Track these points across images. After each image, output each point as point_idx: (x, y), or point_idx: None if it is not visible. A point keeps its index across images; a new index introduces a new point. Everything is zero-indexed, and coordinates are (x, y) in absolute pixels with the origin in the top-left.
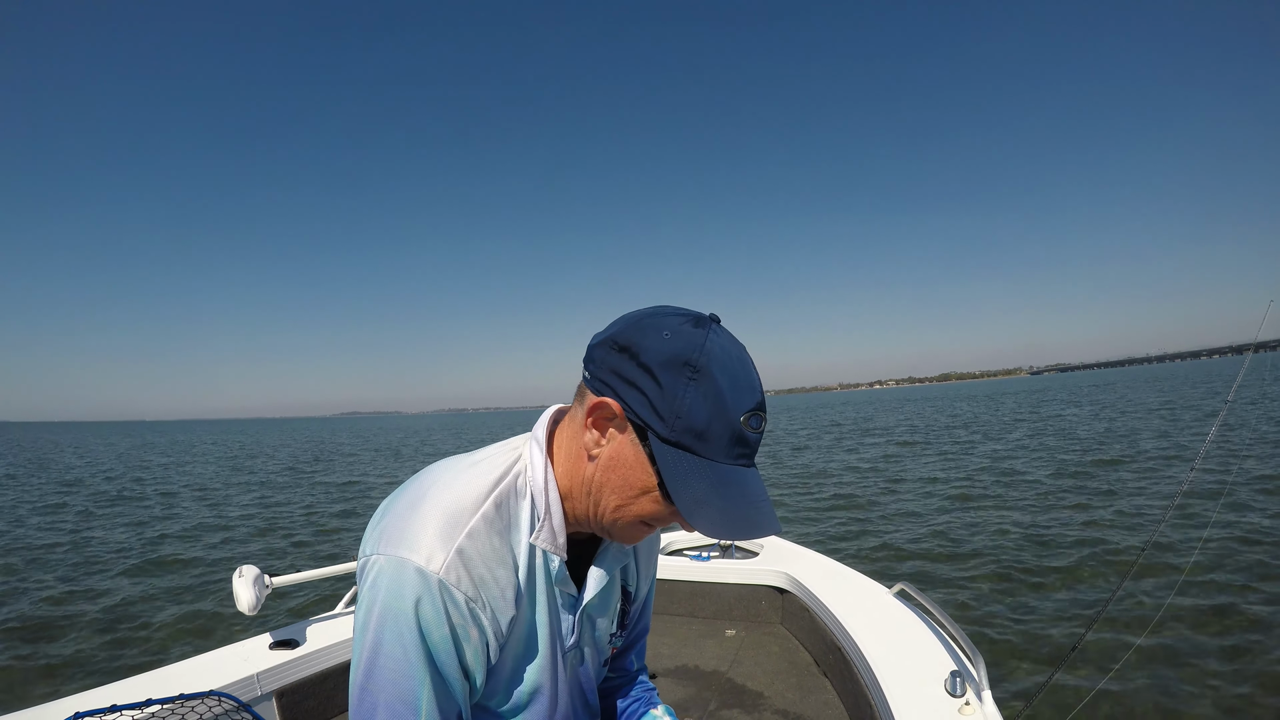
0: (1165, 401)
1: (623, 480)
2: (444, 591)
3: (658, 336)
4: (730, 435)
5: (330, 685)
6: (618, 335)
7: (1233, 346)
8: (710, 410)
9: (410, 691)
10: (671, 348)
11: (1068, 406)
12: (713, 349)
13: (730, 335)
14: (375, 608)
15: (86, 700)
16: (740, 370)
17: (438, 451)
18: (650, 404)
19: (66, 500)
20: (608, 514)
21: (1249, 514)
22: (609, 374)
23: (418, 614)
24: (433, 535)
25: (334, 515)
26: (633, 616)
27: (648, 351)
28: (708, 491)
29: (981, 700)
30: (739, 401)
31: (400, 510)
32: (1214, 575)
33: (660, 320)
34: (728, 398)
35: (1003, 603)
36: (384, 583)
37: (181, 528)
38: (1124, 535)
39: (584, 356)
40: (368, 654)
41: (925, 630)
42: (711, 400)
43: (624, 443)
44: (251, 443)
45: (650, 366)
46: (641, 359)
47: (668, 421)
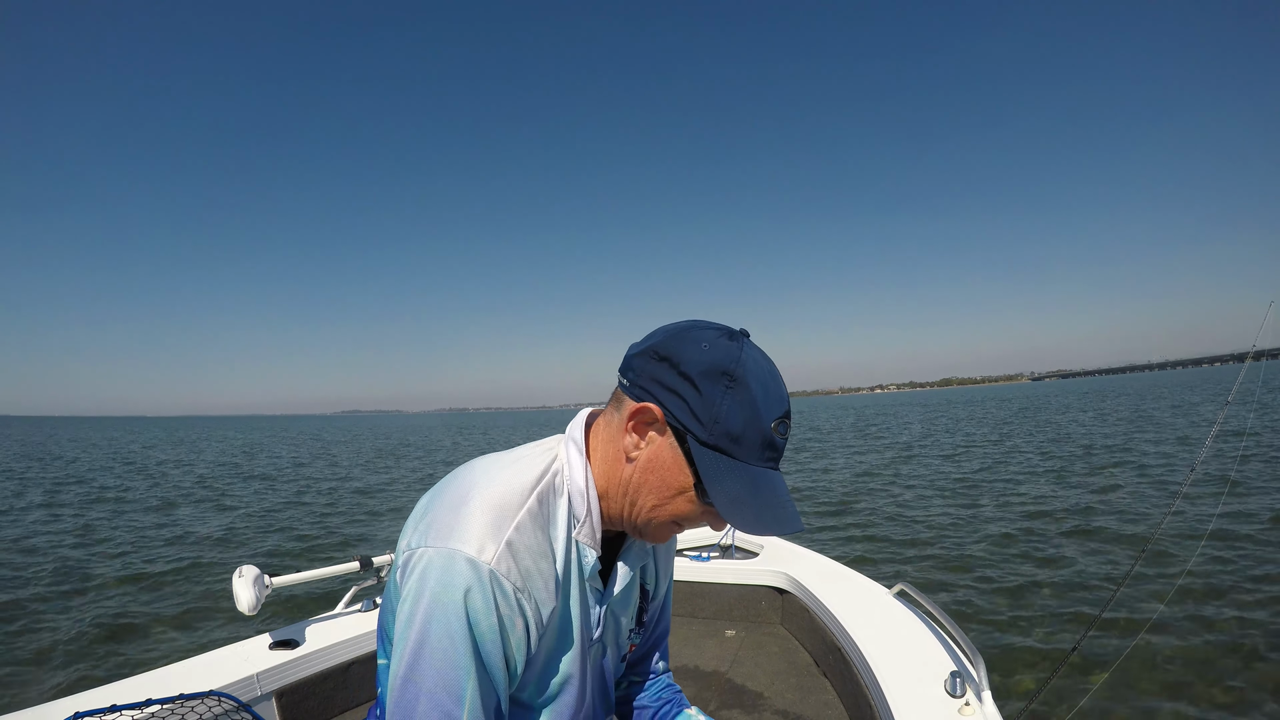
0: (1166, 408)
1: (661, 481)
2: (494, 582)
3: (696, 348)
4: (762, 440)
5: (330, 685)
6: (658, 346)
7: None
8: (746, 417)
9: (456, 682)
10: (710, 358)
11: (1068, 412)
12: (748, 361)
13: (760, 349)
14: (424, 599)
15: (86, 700)
16: (771, 381)
17: (440, 450)
18: (690, 409)
19: (66, 497)
20: (644, 513)
21: (1248, 516)
22: (650, 381)
23: (467, 605)
24: (482, 527)
25: (334, 515)
26: (652, 615)
27: (688, 361)
28: (742, 490)
29: (981, 701)
30: (770, 409)
31: (447, 505)
32: (1213, 577)
33: (698, 333)
34: (761, 406)
35: (1003, 603)
36: (434, 574)
37: (182, 527)
38: (1123, 537)
39: (620, 366)
40: (413, 645)
41: (925, 631)
42: (747, 407)
43: (663, 445)
44: (252, 440)
45: (690, 375)
46: (682, 368)
47: (706, 426)
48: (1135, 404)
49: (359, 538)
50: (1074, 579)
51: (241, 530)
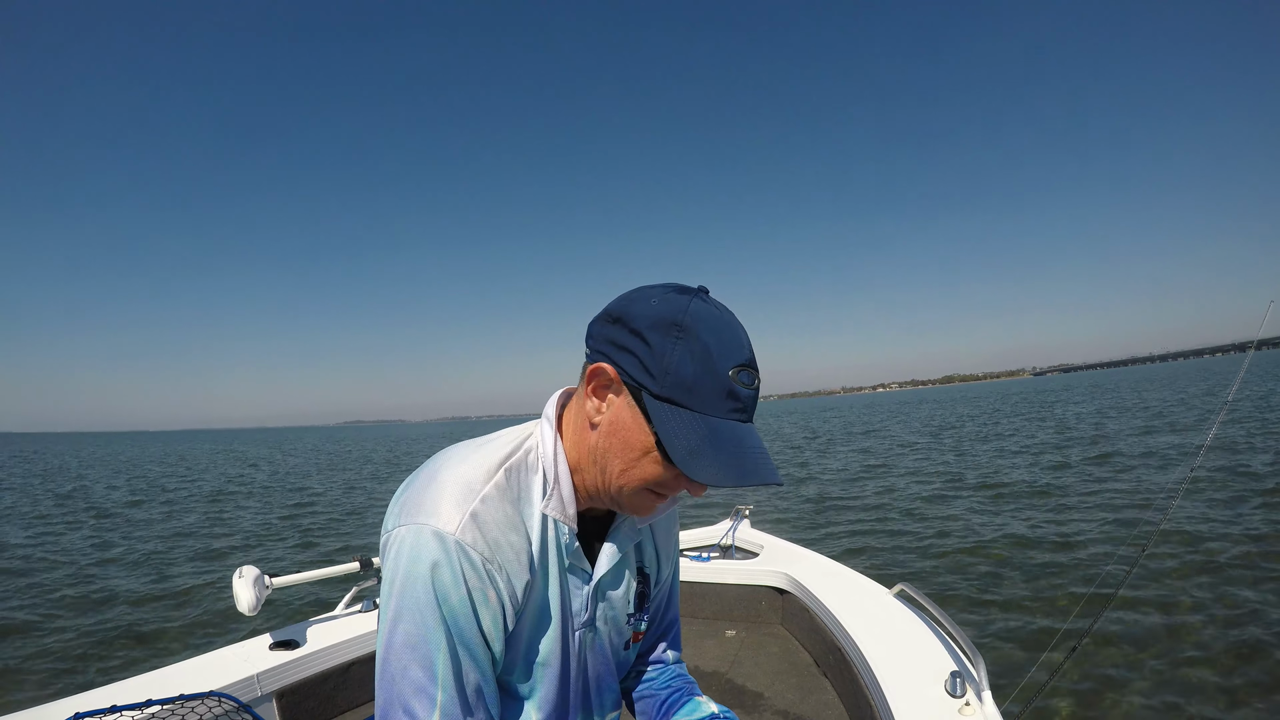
0: (1166, 401)
1: (624, 443)
2: (460, 552)
3: (645, 304)
4: (721, 390)
5: (330, 685)
6: (611, 308)
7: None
8: (698, 365)
9: (427, 657)
10: (658, 311)
11: (1070, 406)
12: (698, 310)
13: (717, 302)
14: (396, 577)
15: (86, 700)
16: (726, 330)
17: None
18: (642, 364)
19: (68, 506)
20: (614, 480)
21: (1249, 514)
22: (604, 344)
23: (434, 578)
24: (449, 501)
25: (334, 517)
26: (657, 601)
27: (637, 317)
28: (700, 442)
29: (981, 700)
30: (726, 357)
31: (417, 486)
32: (1213, 576)
33: (648, 291)
34: (714, 354)
35: (1003, 603)
36: (405, 551)
37: (182, 529)
38: (1124, 536)
39: (585, 338)
40: (389, 623)
41: (925, 630)
42: (699, 356)
43: (621, 406)
44: (253, 452)
45: (640, 330)
46: (632, 325)
47: (658, 379)
48: (1136, 398)
49: (359, 538)
50: (1074, 579)
51: (242, 531)
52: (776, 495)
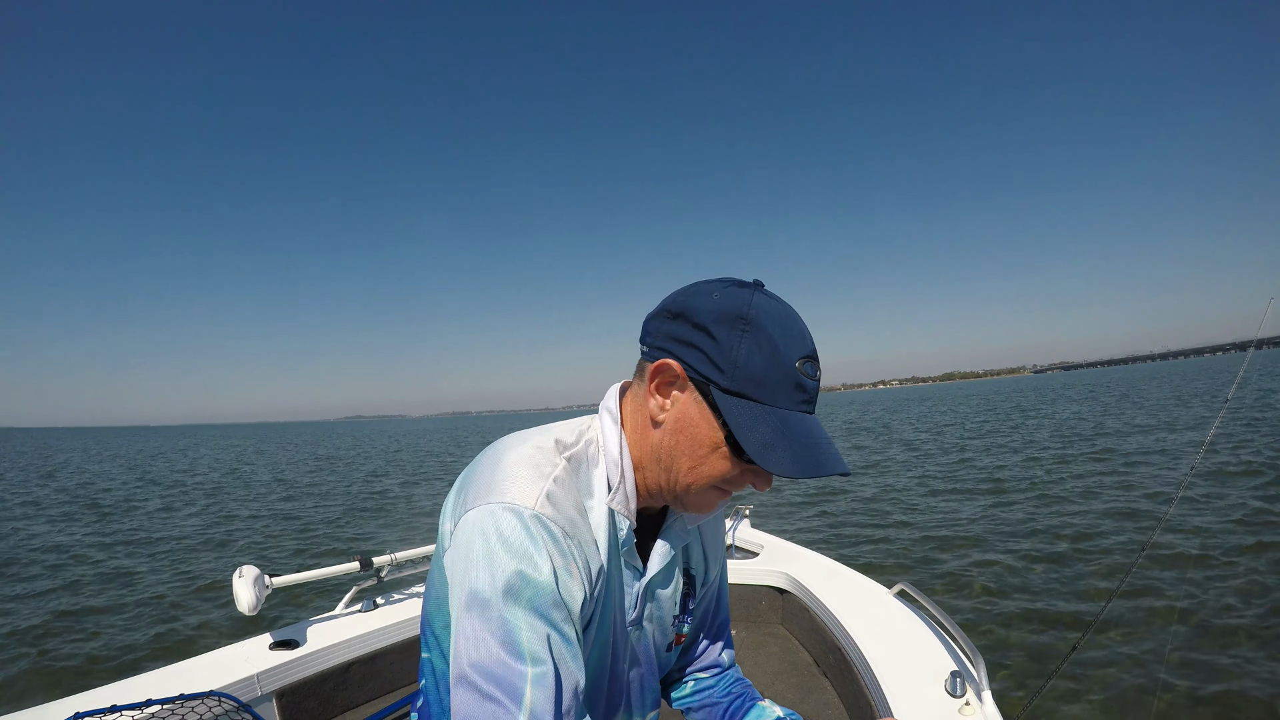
0: (1167, 400)
1: (691, 440)
2: (541, 525)
3: (707, 298)
4: (789, 381)
5: (330, 685)
6: (669, 304)
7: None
8: (766, 358)
9: (511, 638)
10: (722, 305)
11: (1070, 405)
12: (761, 303)
13: (776, 295)
14: (472, 557)
15: (86, 700)
16: (790, 322)
17: (441, 453)
18: (709, 359)
19: (68, 503)
20: (681, 478)
21: (1249, 514)
22: (666, 340)
23: (515, 553)
24: (521, 481)
25: (335, 516)
26: (705, 603)
27: (700, 312)
28: (773, 435)
29: (981, 700)
30: (792, 349)
31: (482, 470)
32: (1214, 576)
33: (707, 285)
34: (781, 346)
35: (1003, 603)
36: (479, 531)
37: (182, 528)
38: (1124, 535)
39: (640, 336)
40: (464, 605)
41: (925, 630)
42: (766, 349)
43: (688, 402)
44: (254, 447)
45: (705, 324)
46: (695, 319)
47: (727, 373)
48: (1136, 396)
49: (359, 538)
50: (1074, 578)
51: (242, 531)
52: (776, 495)
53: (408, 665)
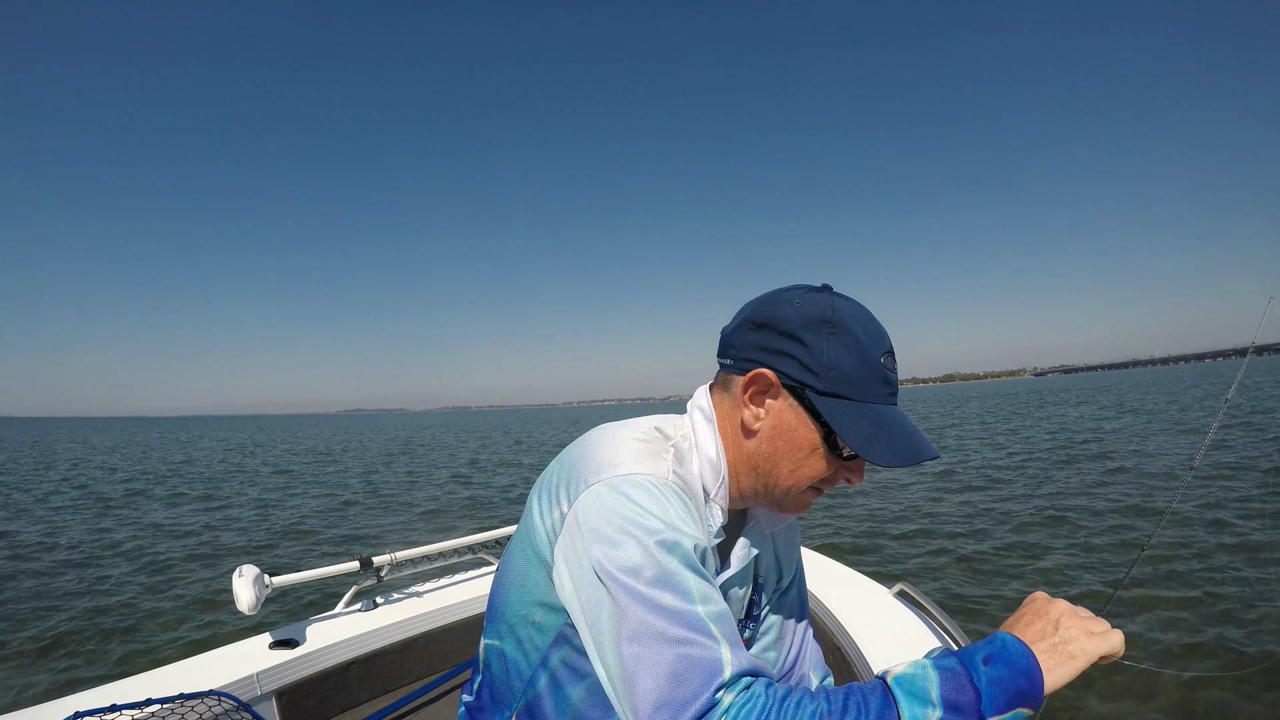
0: (1167, 404)
1: (790, 444)
2: (675, 494)
3: (789, 306)
4: (877, 377)
5: (330, 685)
6: (752, 316)
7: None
8: (855, 358)
9: (680, 588)
10: (805, 311)
11: (1070, 408)
12: (841, 306)
13: (848, 296)
14: (610, 526)
15: (86, 700)
16: (868, 320)
17: (444, 447)
18: (801, 364)
19: (68, 498)
20: (782, 481)
21: (1250, 513)
22: (754, 350)
23: (661, 515)
24: (645, 456)
25: (335, 515)
26: (787, 606)
27: (786, 320)
28: (873, 429)
29: None
30: (876, 346)
31: (592, 452)
32: (1213, 574)
33: (784, 294)
34: (866, 344)
35: (1002, 603)
36: (610, 507)
37: (182, 527)
38: (1123, 536)
39: (718, 350)
40: (617, 577)
41: (925, 630)
42: (854, 349)
43: (783, 408)
44: (254, 440)
45: (792, 331)
46: (782, 328)
47: (820, 375)
48: (1136, 400)
49: (359, 537)
50: (1074, 578)
51: (242, 530)
52: None
53: (408, 665)
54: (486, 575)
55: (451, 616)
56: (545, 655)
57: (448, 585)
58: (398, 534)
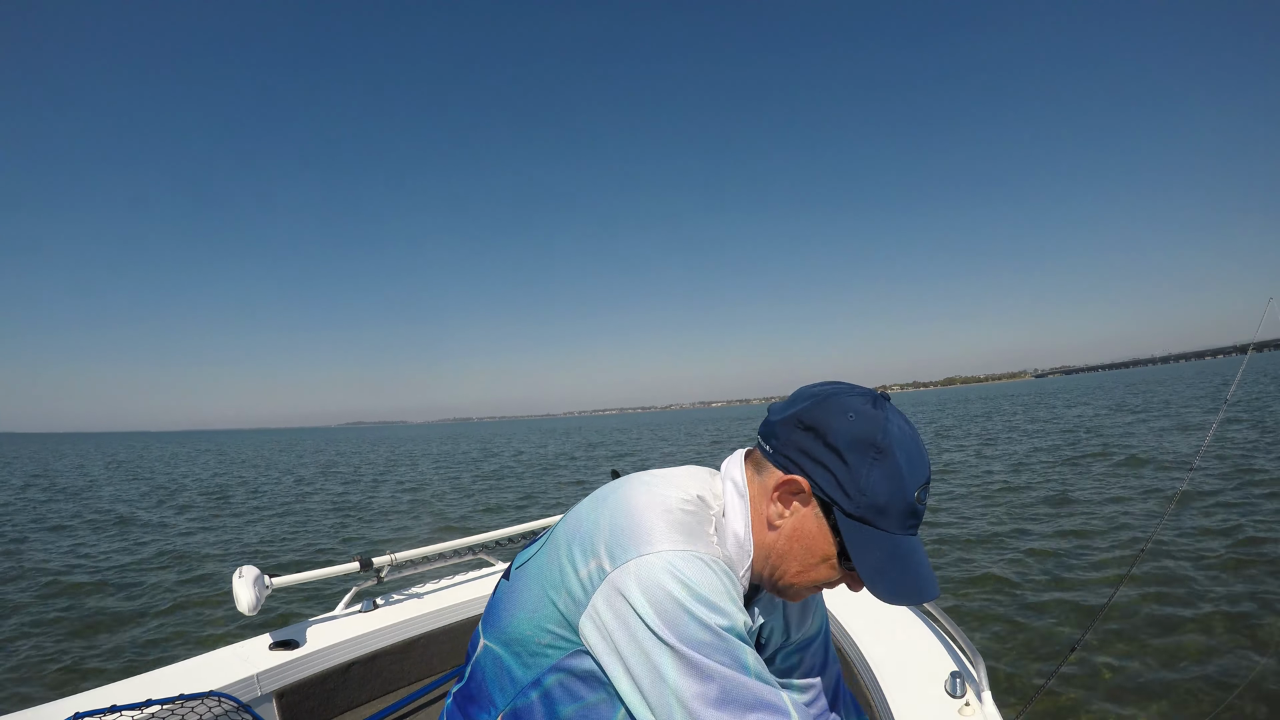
0: (1165, 403)
1: (805, 549)
2: (726, 575)
3: (843, 418)
4: (907, 509)
5: (330, 686)
6: (803, 414)
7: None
8: (891, 488)
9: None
10: (857, 429)
11: (1070, 408)
12: (893, 429)
13: (901, 414)
14: (667, 605)
15: (86, 700)
16: (915, 449)
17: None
18: (837, 482)
19: (70, 506)
20: (788, 578)
21: (1247, 514)
22: (795, 452)
23: (718, 593)
24: (695, 530)
25: (335, 518)
26: (805, 658)
27: (834, 432)
28: (885, 560)
29: (981, 701)
30: (914, 478)
31: (635, 517)
32: (1214, 574)
33: (842, 400)
34: (906, 475)
35: (1003, 603)
36: (662, 584)
37: (182, 528)
38: (1123, 536)
39: (761, 429)
40: (676, 654)
41: (925, 630)
42: (893, 478)
43: (808, 515)
44: (254, 454)
45: (838, 447)
46: (829, 439)
47: (853, 498)
48: (1135, 400)
49: (359, 538)
50: (1074, 578)
51: (242, 531)
52: None
53: (408, 665)
54: (487, 576)
55: (451, 617)
56: (543, 674)
57: (448, 586)
58: (398, 535)
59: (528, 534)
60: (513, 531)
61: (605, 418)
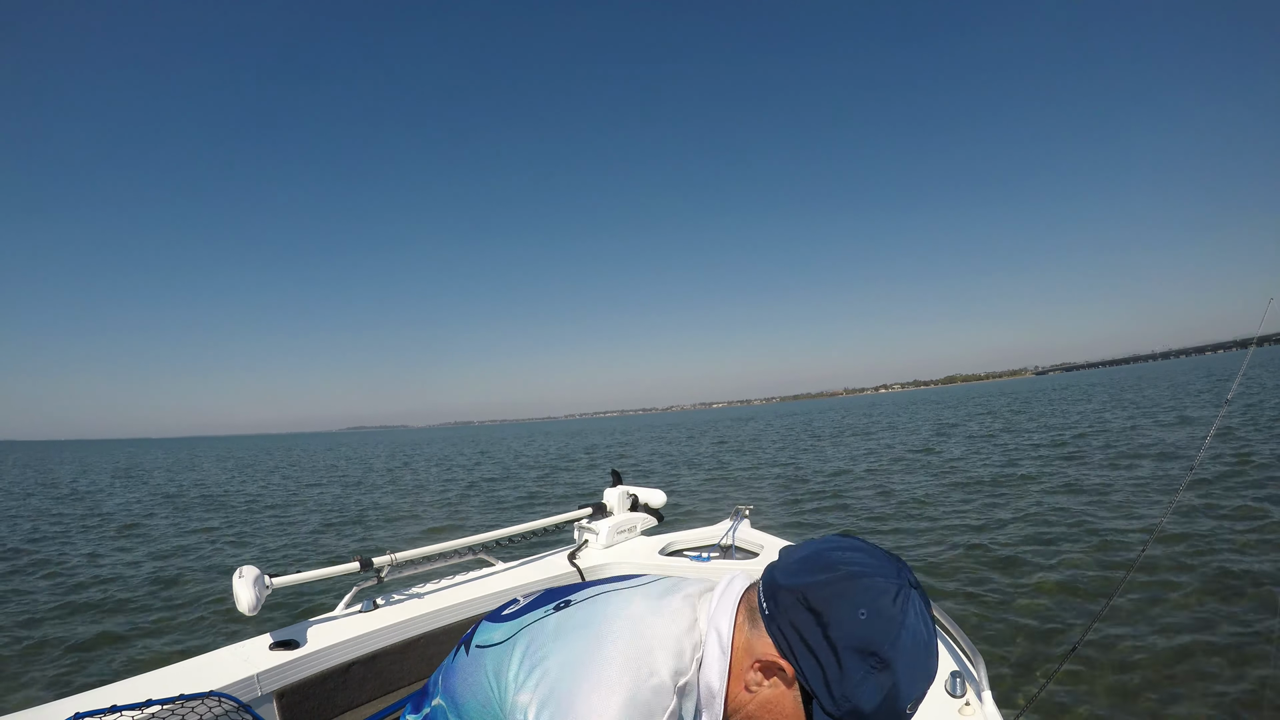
0: (1167, 400)
1: (773, 718)
2: None
3: (853, 615)
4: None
5: (330, 686)
6: (810, 594)
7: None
8: (881, 701)
9: None
10: (864, 633)
11: (1070, 405)
12: (904, 640)
13: (923, 611)
14: None
15: (86, 700)
16: (922, 661)
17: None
18: (825, 681)
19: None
20: None
21: (1249, 514)
22: (790, 630)
23: None
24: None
25: (335, 518)
26: None
27: (839, 628)
28: None
29: (981, 700)
30: (910, 693)
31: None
32: (1214, 574)
33: (860, 592)
34: (902, 689)
35: (1003, 603)
36: None
37: (183, 529)
38: (1123, 535)
39: (763, 584)
40: None
41: None
42: (887, 693)
43: (786, 695)
44: (254, 457)
45: (837, 647)
46: (830, 633)
47: (838, 703)
48: (1137, 396)
49: (359, 538)
50: (1074, 578)
51: (242, 531)
52: (776, 495)
53: (408, 665)
54: (487, 575)
55: (451, 617)
56: None
57: (448, 586)
58: (398, 535)
59: (527, 534)
60: (512, 531)
61: (606, 419)
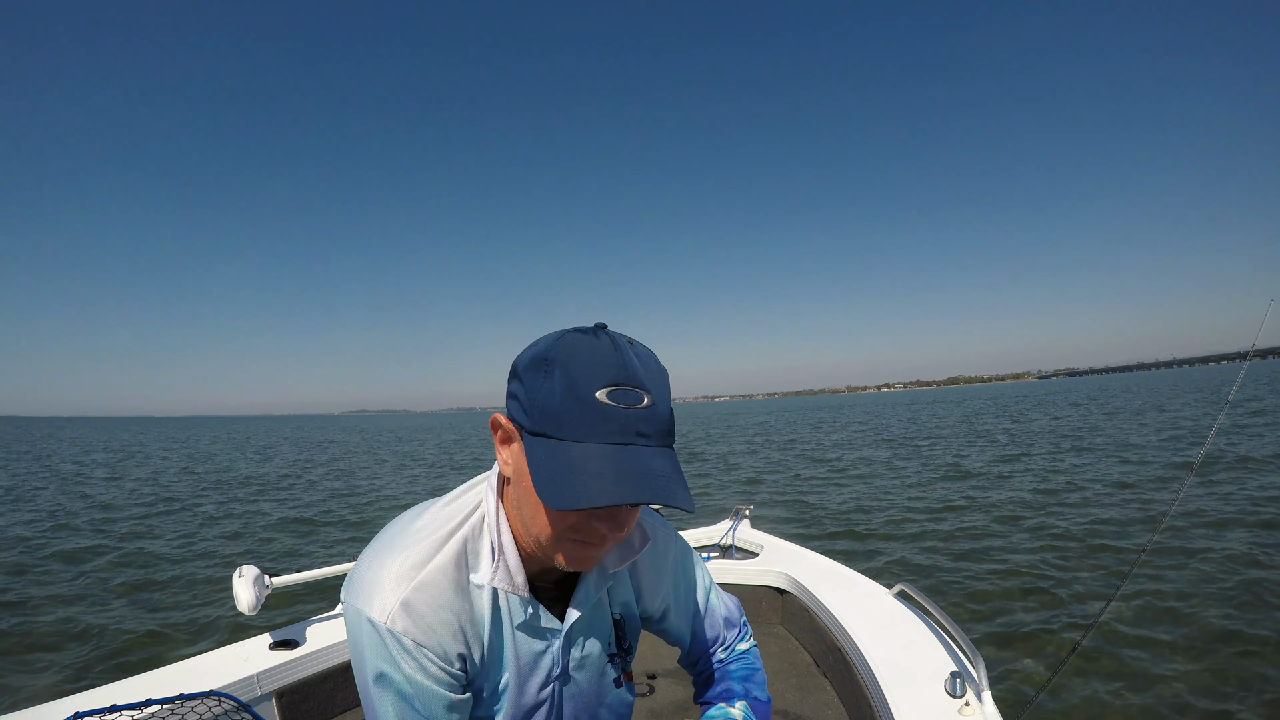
0: (1167, 406)
1: (526, 489)
2: (393, 639)
3: (530, 348)
4: (590, 414)
5: (330, 685)
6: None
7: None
8: (561, 393)
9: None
10: (534, 351)
11: (1074, 409)
12: (571, 342)
13: (612, 334)
14: (350, 642)
15: (86, 700)
16: (598, 354)
17: (445, 448)
18: (521, 406)
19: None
20: (533, 531)
21: (1250, 512)
22: (506, 397)
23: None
24: (387, 586)
25: (335, 516)
26: (677, 623)
27: (519, 361)
28: (559, 469)
29: (981, 700)
30: (592, 379)
31: (368, 559)
32: (1214, 574)
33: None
34: (579, 380)
35: (1003, 603)
36: (350, 631)
37: (182, 527)
38: (1124, 537)
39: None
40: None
41: (925, 630)
42: (563, 384)
43: (518, 452)
44: (256, 441)
45: (519, 372)
46: (516, 369)
47: (531, 415)
48: (1138, 402)
49: (359, 538)
50: (1074, 579)
51: (242, 531)
52: (776, 495)
53: None
54: None
55: None
56: None
57: None
58: None
59: None
60: None
61: None
